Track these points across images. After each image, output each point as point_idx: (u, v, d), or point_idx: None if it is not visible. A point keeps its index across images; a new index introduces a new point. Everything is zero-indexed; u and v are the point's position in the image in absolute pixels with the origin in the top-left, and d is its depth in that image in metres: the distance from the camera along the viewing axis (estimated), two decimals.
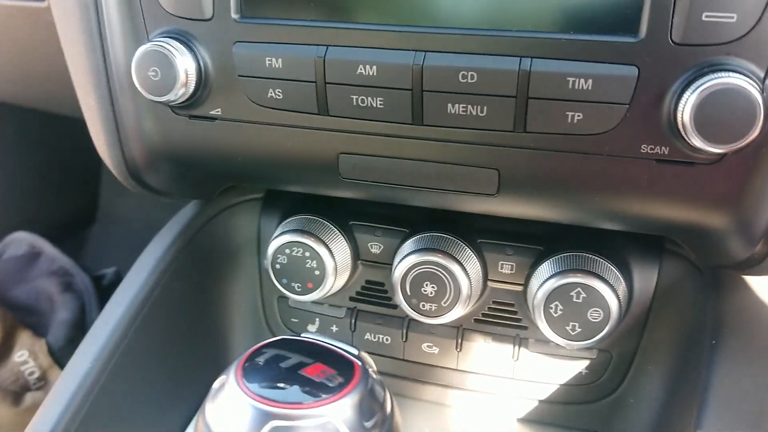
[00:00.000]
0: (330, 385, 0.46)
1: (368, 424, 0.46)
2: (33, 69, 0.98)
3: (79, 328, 1.54)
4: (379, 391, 0.49)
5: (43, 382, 1.41)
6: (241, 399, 0.45)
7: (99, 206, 2.27)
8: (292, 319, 0.91)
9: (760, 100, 0.50)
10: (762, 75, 0.52)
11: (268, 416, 0.43)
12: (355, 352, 0.51)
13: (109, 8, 0.66)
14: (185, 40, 0.65)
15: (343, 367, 0.49)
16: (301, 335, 0.53)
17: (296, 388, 0.46)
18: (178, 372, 0.82)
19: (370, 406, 0.47)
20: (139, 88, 0.64)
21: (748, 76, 0.51)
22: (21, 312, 1.57)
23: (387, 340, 0.86)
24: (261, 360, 0.49)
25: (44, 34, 0.90)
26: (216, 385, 0.49)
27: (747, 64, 0.52)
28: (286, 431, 0.43)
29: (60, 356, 1.46)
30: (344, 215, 0.84)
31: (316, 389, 0.46)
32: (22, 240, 1.73)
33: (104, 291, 1.69)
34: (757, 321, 0.67)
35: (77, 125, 1.95)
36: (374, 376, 0.49)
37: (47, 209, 2.02)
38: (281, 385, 0.46)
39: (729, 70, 0.52)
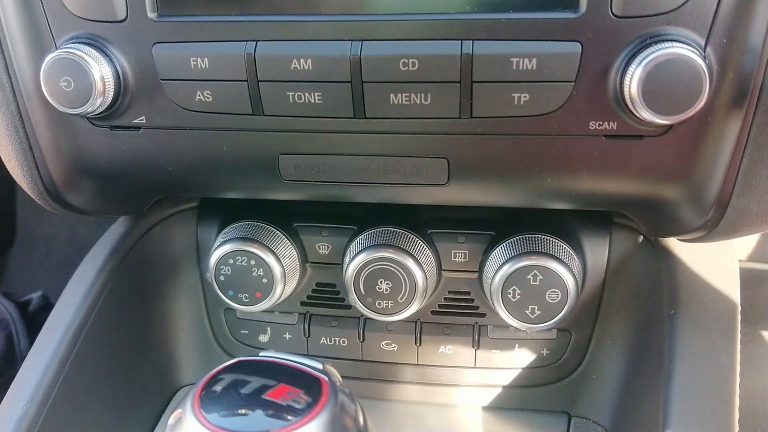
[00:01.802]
0: (297, 406, 0.43)
1: None
2: None
3: (8, 361, 1.45)
4: (349, 405, 0.46)
5: None
6: None
7: (16, 227, 2.14)
8: (242, 331, 0.86)
9: (705, 68, 0.50)
10: (703, 43, 0.52)
11: None
12: (320, 366, 0.48)
13: (7, 16, 0.60)
14: (98, 44, 0.59)
15: (309, 384, 0.45)
16: (260, 354, 0.49)
17: (260, 413, 0.43)
18: (125, 399, 0.77)
19: (343, 424, 0.44)
20: (51, 101, 0.58)
21: (691, 45, 0.51)
22: None
23: (344, 342, 0.83)
24: (218, 387, 0.45)
25: None
26: (171, 420, 0.45)
27: (688, 32, 0.52)
28: None
29: None
30: (287, 217, 0.80)
31: (283, 413, 0.43)
32: None
33: (31, 317, 1.60)
34: (709, 287, 0.68)
35: None
36: (343, 389, 0.46)
37: None
38: (244, 412, 0.43)
39: (671, 40, 0.51)
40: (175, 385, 0.85)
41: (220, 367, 0.48)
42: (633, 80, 0.51)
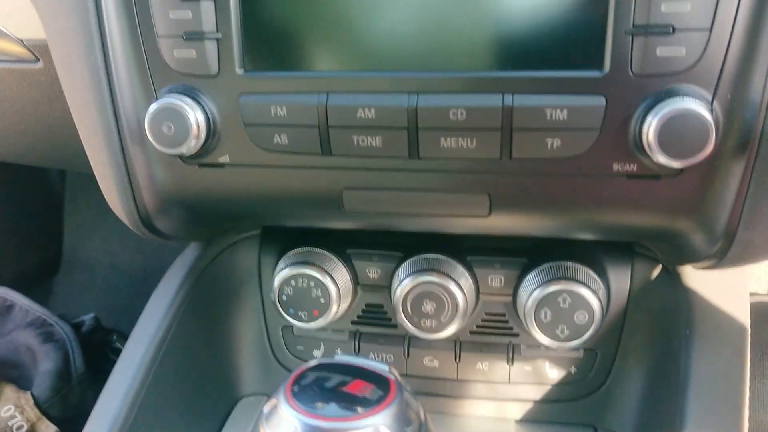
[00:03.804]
0: (371, 398, 0.52)
1: (408, 430, 0.52)
2: (29, 128, 1.01)
3: (64, 378, 1.53)
4: (413, 401, 0.55)
5: None
6: (296, 418, 0.50)
7: (63, 253, 2.25)
8: (297, 347, 0.96)
9: (711, 120, 0.59)
10: (710, 98, 0.61)
11: (323, 431, 0.49)
12: (386, 367, 0.57)
13: (119, 71, 0.71)
14: (193, 95, 0.69)
15: (379, 381, 0.54)
16: (336, 357, 0.58)
17: (343, 403, 0.52)
18: (195, 406, 0.86)
19: (408, 414, 0.53)
20: (154, 143, 0.68)
21: (700, 100, 0.60)
22: (1, 367, 1.55)
23: (390, 358, 0.91)
24: (306, 382, 0.54)
25: (37, 93, 0.94)
26: (266, 409, 0.54)
27: (697, 89, 0.60)
28: None
29: (47, 407, 1.45)
30: (341, 244, 0.89)
31: (360, 403, 0.52)
32: None
33: (84, 338, 1.68)
34: (722, 311, 0.76)
35: (37, 173, 1.94)
36: (407, 387, 0.55)
37: (10, 261, 2.00)
38: (329, 402, 0.52)
39: (683, 95, 0.60)
40: (238, 395, 0.95)
41: (304, 366, 0.57)
42: (650, 129, 0.59)
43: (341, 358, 0.58)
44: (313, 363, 0.57)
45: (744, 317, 0.75)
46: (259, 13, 0.66)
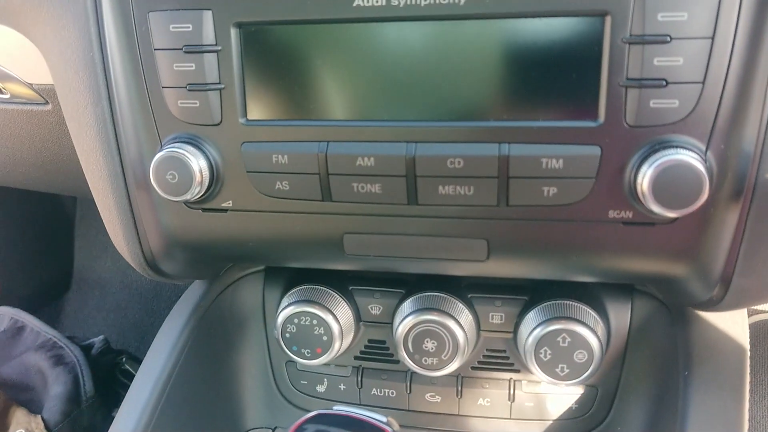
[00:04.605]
0: None
1: None
2: (40, 162, 1.04)
3: (74, 402, 1.54)
4: None
5: None
6: None
7: (73, 272, 2.28)
8: (301, 382, 0.97)
9: (705, 171, 0.59)
10: (704, 149, 0.61)
11: None
12: (384, 419, 0.58)
13: (125, 120, 0.72)
14: (197, 143, 0.70)
15: None
16: (334, 408, 0.59)
17: None
18: None
19: None
20: (159, 191, 0.70)
21: (693, 151, 0.60)
22: (12, 390, 1.57)
23: (392, 393, 0.93)
24: None
25: (47, 132, 0.96)
26: None
27: (691, 140, 0.61)
28: None
29: (57, 431, 1.47)
30: (344, 281, 0.91)
31: None
32: (2, 315, 1.71)
33: (94, 360, 1.69)
34: (721, 351, 0.77)
35: (48, 193, 1.96)
36: None
37: (22, 280, 2.03)
38: None
39: (677, 147, 0.60)
40: (243, 429, 0.96)
41: (304, 418, 0.58)
42: (645, 179, 0.60)
43: (340, 408, 0.59)
44: (312, 414, 0.58)
45: (743, 358, 0.76)
46: (260, 64, 0.67)
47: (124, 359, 1.71)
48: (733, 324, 0.79)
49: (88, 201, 2.13)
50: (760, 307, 1.39)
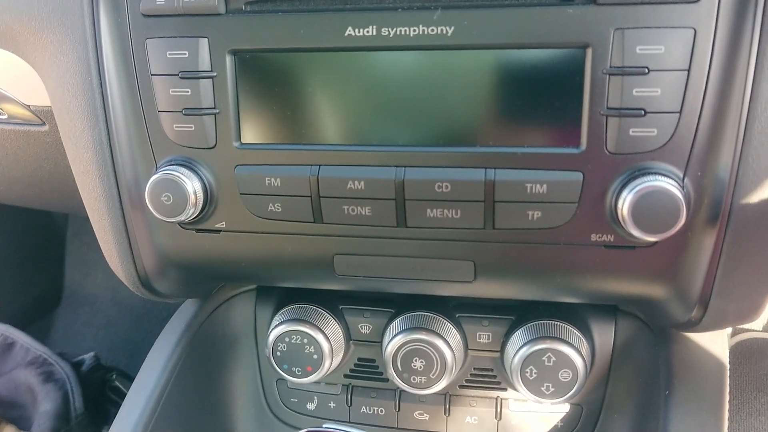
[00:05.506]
0: None
1: None
2: (36, 181, 1.05)
3: (63, 419, 1.54)
4: None
5: None
6: None
7: (64, 287, 2.27)
8: (292, 399, 0.98)
9: (682, 197, 0.62)
10: (681, 175, 0.64)
11: None
12: None
13: (122, 143, 0.74)
14: (191, 165, 0.72)
15: None
16: (323, 426, 0.61)
17: None
18: None
19: None
20: (154, 212, 0.72)
21: (671, 177, 0.63)
22: (1, 406, 1.57)
23: (381, 411, 0.94)
24: None
25: (43, 152, 0.97)
26: None
27: (669, 167, 0.63)
28: None
29: None
30: (334, 300, 0.92)
31: None
32: None
33: (84, 377, 1.69)
34: (701, 371, 0.79)
35: (39, 210, 1.97)
36: None
37: (12, 295, 2.03)
38: None
39: (656, 173, 0.63)
40: None
41: None
42: (625, 204, 0.63)
43: (330, 426, 0.60)
44: None
45: (723, 378, 0.78)
46: (254, 90, 0.70)
47: (114, 376, 1.71)
48: (713, 344, 0.82)
49: (79, 217, 2.14)
50: (746, 326, 1.41)
